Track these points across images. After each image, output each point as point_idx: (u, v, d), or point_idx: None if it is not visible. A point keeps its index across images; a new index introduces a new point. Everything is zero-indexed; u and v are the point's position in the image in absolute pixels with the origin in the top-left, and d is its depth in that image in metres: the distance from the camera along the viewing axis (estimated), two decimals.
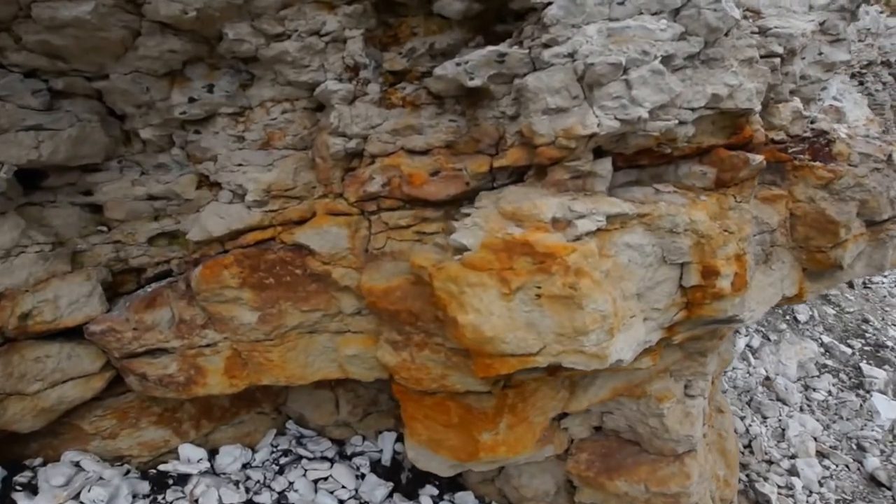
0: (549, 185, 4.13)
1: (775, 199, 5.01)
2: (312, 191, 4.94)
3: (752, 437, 7.96)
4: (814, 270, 5.29)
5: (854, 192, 5.09)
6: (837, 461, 7.73)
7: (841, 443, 8.16)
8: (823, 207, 4.98)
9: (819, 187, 5.07)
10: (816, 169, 5.05)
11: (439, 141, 4.54)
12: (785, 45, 4.66)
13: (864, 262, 5.36)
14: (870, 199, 5.11)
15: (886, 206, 5.17)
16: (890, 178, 5.30)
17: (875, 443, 8.09)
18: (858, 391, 9.31)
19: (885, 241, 5.28)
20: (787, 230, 5.10)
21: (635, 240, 4.08)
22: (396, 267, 4.64)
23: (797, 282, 5.24)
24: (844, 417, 8.61)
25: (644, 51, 3.68)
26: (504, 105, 4.26)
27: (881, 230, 5.26)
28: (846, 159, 5.21)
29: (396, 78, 4.81)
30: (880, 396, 9.00)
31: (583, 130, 3.75)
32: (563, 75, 3.83)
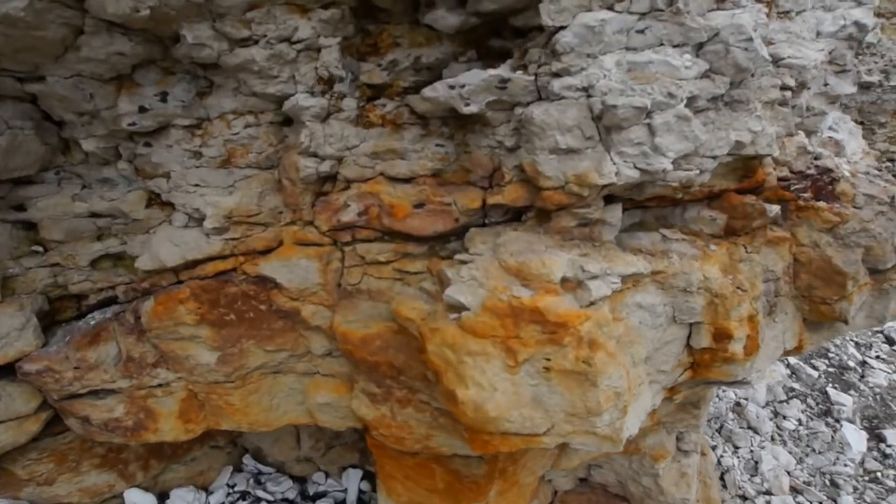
0: (552, 231, 3.65)
1: (779, 243, 4.64)
2: (279, 217, 4.35)
3: (724, 470, 7.74)
4: (814, 321, 4.97)
5: (860, 237, 4.77)
6: (812, 498, 7.57)
7: (814, 478, 8.01)
8: (830, 255, 4.65)
9: (824, 231, 4.74)
10: (822, 211, 4.71)
11: (425, 168, 4.01)
12: (797, 78, 4.27)
13: (865, 314, 5.07)
14: (875, 246, 4.80)
15: (891, 253, 4.87)
16: (894, 223, 5.01)
17: (848, 479, 7.97)
18: (827, 419, 9.21)
19: (888, 292, 4.99)
20: (791, 278, 4.75)
21: (647, 300, 3.65)
22: (375, 309, 4.11)
23: (798, 333, 4.92)
24: (817, 450, 8.48)
25: (670, 93, 3.21)
26: (501, 134, 3.76)
27: (884, 279, 4.96)
28: (850, 200, 4.89)
29: (375, 93, 4.24)
30: (850, 427, 8.91)
31: (599, 179, 3.28)
32: (577, 112, 3.34)
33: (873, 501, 7.74)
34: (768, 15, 4.29)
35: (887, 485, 8.28)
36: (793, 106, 4.49)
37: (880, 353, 11.80)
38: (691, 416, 4.98)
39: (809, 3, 4.49)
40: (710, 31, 3.37)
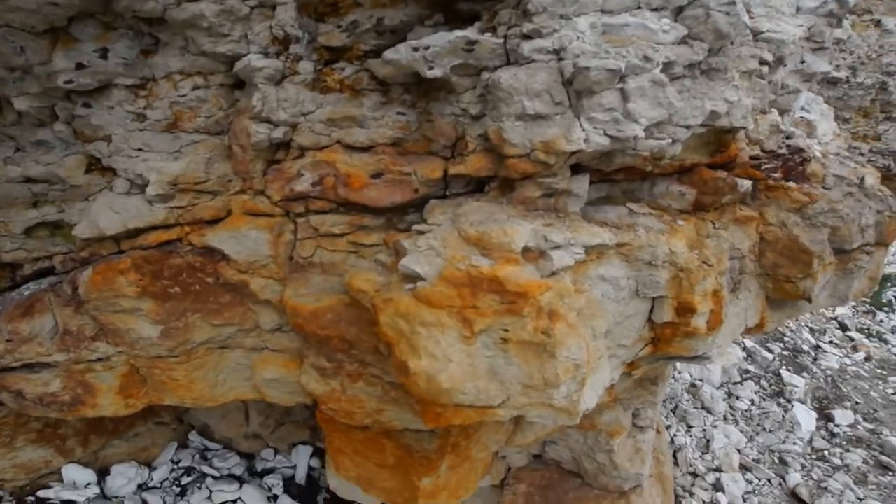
0: (516, 202, 3.44)
1: (746, 222, 4.53)
2: (228, 185, 4.04)
3: (677, 448, 7.76)
4: (777, 300, 4.90)
5: (827, 217, 4.69)
6: (760, 475, 7.65)
7: (764, 456, 8.09)
8: (797, 235, 4.56)
9: (792, 211, 4.65)
10: (791, 191, 4.61)
11: (384, 137, 3.75)
12: (775, 52, 4.13)
13: (829, 293, 5.03)
14: (842, 227, 4.73)
15: (857, 234, 4.82)
16: (862, 204, 4.95)
17: (796, 457, 8.08)
18: (779, 399, 9.33)
19: (852, 272, 4.95)
20: (756, 256, 4.66)
21: (611, 272, 3.48)
22: (327, 282, 3.86)
23: (760, 311, 4.84)
24: (767, 429, 8.57)
25: (646, 56, 3.01)
26: (466, 101, 3.52)
27: (849, 259, 4.91)
28: (820, 181, 4.81)
29: (333, 55, 3.94)
30: (801, 407, 9.04)
31: (566, 146, 3.07)
32: (547, 76, 3.12)
33: (819, 479, 7.86)
34: None
35: (833, 462, 8.43)
36: (769, 81, 4.36)
37: (833, 339, 12.05)
38: (648, 393, 4.88)
39: None
40: None
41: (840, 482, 7.86)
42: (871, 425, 9.65)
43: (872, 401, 10.52)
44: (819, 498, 7.36)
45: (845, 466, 8.39)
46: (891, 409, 10.40)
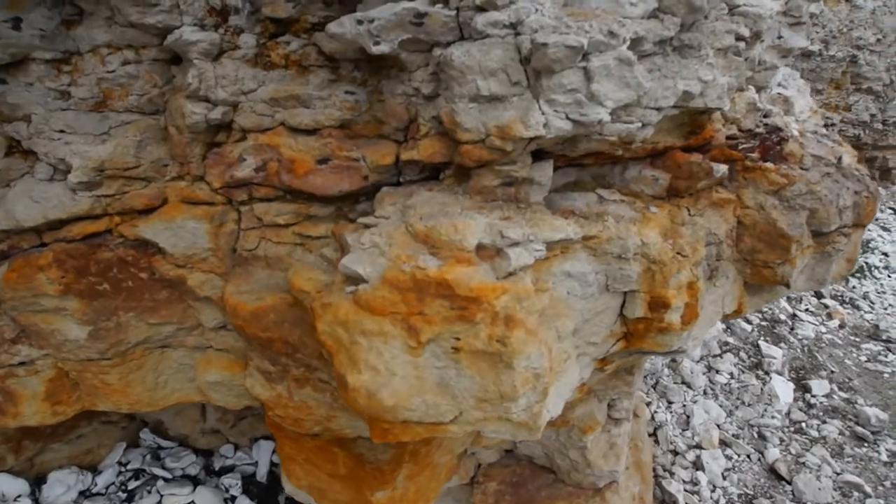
0: (472, 192, 3.14)
1: (723, 205, 4.27)
2: (163, 171, 3.69)
3: (657, 426, 7.66)
4: (755, 284, 4.69)
5: (805, 200, 4.45)
6: (740, 451, 7.59)
7: (743, 431, 8.03)
8: (775, 218, 4.31)
9: (770, 193, 4.39)
10: (769, 172, 4.35)
11: (331, 119, 3.41)
12: (752, 28, 3.81)
13: (807, 276, 4.82)
14: (820, 209, 4.49)
15: (835, 215, 4.59)
16: (839, 185, 4.71)
17: (775, 431, 8.03)
18: (758, 371, 9.26)
19: (831, 255, 4.73)
20: (733, 241, 4.41)
21: (577, 268, 3.21)
22: (272, 278, 3.56)
23: (737, 297, 4.63)
24: (746, 402, 8.51)
25: (611, 31, 2.68)
26: (419, 80, 3.18)
27: (827, 242, 4.69)
28: (798, 161, 4.55)
29: (279, 28, 3.57)
30: (778, 379, 8.98)
31: (524, 131, 2.76)
32: (502, 52, 2.79)
33: (798, 453, 7.84)
34: None
35: (811, 435, 8.42)
36: (745, 58, 4.04)
37: (809, 306, 12.02)
38: (624, 384, 4.69)
39: None
40: None
41: (818, 456, 7.85)
42: (847, 394, 9.66)
43: (847, 369, 10.53)
44: (797, 473, 7.33)
45: (822, 439, 8.39)
46: (864, 377, 10.43)
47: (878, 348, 11.45)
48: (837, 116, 15.43)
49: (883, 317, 12.83)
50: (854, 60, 14.46)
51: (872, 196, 4.91)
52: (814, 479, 7.11)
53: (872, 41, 14.48)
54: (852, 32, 14.12)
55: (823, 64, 14.13)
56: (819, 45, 13.78)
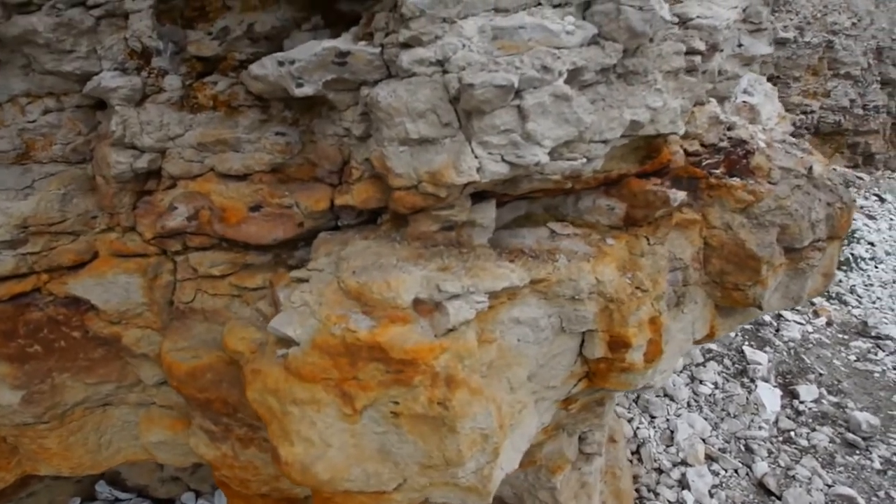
0: (411, 238, 2.93)
1: (688, 226, 4.07)
2: (92, 223, 3.47)
3: (640, 443, 7.44)
4: (727, 307, 4.49)
5: (775, 216, 4.25)
6: (727, 466, 7.37)
7: (729, 444, 7.82)
8: (743, 239, 4.12)
9: (737, 211, 4.19)
10: (735, 189, 4.15)
11: (262, 163, 3.20)
12: (707, 40, 3.62)
13: (781, 294, 4.62)
14: (791, 225, 4.30)
15: (808, 230, 4.40)
16: (811, 197, 4.51)
17: (762, 443, 7.81)
18: (743, 379, 9.06)
19: (805, 271, 4.54)
20: (701, 263, 4.22)
21: (527, 314, 3.00)
22: (209, 332, 3.34)
23: (709, 321, 4.43)
24: (732, 413, 8.29)
25: (544, 66, 2.48)
26: (349, 120, 2.97)
27: (801, 258, 4.50)
28: (766, 175, 4.35)
29: (206, 67, 3.37)
30: (764, 386, 8.77)
31: (456, 178, 2.55)
32: (430, 92, 2.58)
33: (787, 465, 7.62)
34: None
35: (800, 444, 8.20)
36: (703, 71, 3.84)
37: None
38: (594, 416, 4.47)
39: None
40: None
41: (807, 468, 7.62)
42: (836, 398, 9.45)
43: (836, 370, 10.33)
44: (787, 488, 7.11)
45: (812, 448, 8.16)
46: (854, 378, 10.23)
47: (868, 346, 11.24)
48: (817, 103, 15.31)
49: (871, 312, 12.64)
50: (830, 46, 14.34)
51: (847, 206, 4.72)
52: (804, 492, 6.90)
53: (847, 25, 14.34)
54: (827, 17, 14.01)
55: (799, 51, 14.01)
56: (794, 32, 13.68)
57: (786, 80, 14.36)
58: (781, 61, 13.93)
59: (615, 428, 5.90)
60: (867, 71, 15.08)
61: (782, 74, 14.30)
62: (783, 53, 13.90)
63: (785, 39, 13.55)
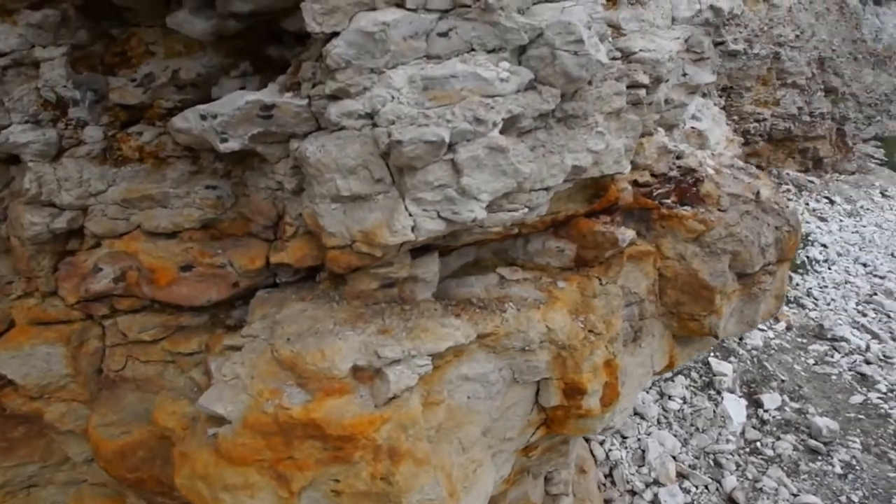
0: (350, 297, 2.76)
1: (642, 258, 3.99)
2: (7, 289, 3.21)
3: (612, 465, 7.35)
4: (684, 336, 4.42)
5: (726, 243, 4.21)
6: (697, 482, 7.33)
7: (699, 460, 7.79)
8: (696, 269, 4.06)
9: (690, 241, 4.14)
10: (686, 219, 4.10)
11: (192, 220, 2.99)
12: (651, 73, 3.56)
13: (736, 320, 4.57)
14: (742, 251, 4.26)
15: (758, 255, 4.37)
16: (760, 222, 4.49)
17: (730, 456, 7.80)
18: (710, 392, 9.07)
19: (758, 296, 4.50)
20: (656, 295, 4.14)
21: (476, 369, 2.85)
22: (142, 402, 3.10)
23: (667, 352, 4.35)
24: (700, 428, 8.28)
25: (477, 118, 2.35)
26: (281, 173, 2.80)
27: (753, 283, 4.46)
28: (715, 202, 4.31)
29: (130, 116, 3.15)
30: (730, 398, 8.80)
31: (390, 238, 2.39)
32: (360, 147, 2.43)
33: (755, 477, 7.62)
34: (615, 3, 3.51)
35: (766, 454, 8.22)
36: (649, 103, 3.78)
37: None
38: (559, 455, 4.33)
39: None
40: (532, 31, 2.52)
41: (774, 478, 7.64)
42: (798, 404, 9.53)
43: (797, 375, 10.44)
44: (755, 501, 7.10)
45: (778, 457, 8.19)
46: (814, 382, 10.36)
47: (825, 348, 11.41)
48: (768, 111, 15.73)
49: (826, 314, 12.85)
50: (777, 57, 14.78)
51: (794, 229, 4.71)
52: None
53: (792, 37, 14.78)
54: (773, 30, 14.43)
55: (749, 62, 14.39)
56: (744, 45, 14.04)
57: (738, 90, 14.71)
58: (733, 72, 14.26)
59: (584, 457, 5.79)
60: (812, 80, 15.52)
61: (735, 85, 14.64)
62: (734, 65, 14.24)
63: (735, 52, 13.89)
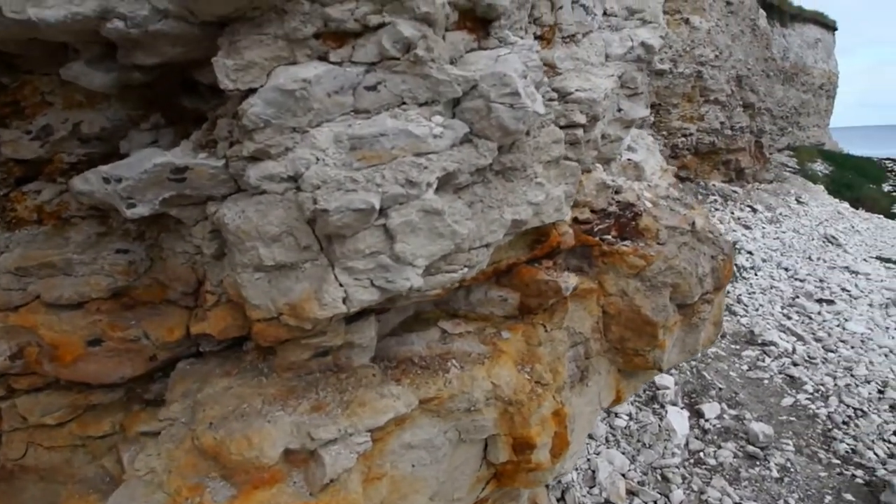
0: (280, 369, 2.50)
1: (586, 296, 3.89)
2: None
3: (564, 488, 7.24)
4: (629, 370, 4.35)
5: (666, 276, 4.17)
6: (646, 498, 7.32)
7: (647, 475, 7.79)
8: (639, 305, 3.98)
9: (631, 276, 4.07)
10: (627, 255, 4.02)
11: (99, 289, 2.66)
12: (588, 113, 3.48)
13: (678, 349, 4.54)
14: (681, 283, 4.23)
15: (696, 286, 4.35)
16: (696, 252, 4.49)
17: (676, 470, 7.85)
18: (654, 406, 9.14)
19: (698, 325, 4.49)
20: (601, 332, 4.04)
21: (420, 436, 2.64)
22: (46, 495, 2.73)
23: (614, 387, 4.26)
24: (647, 444, 8.30)
25: (409, 180, 2.15)
26: (200, 236, 2.53)
27: (693, 313, 4.44)
28: (654, 236, 4.27)
29: (27, 172, 2.81)
30: (673, 410, 8.89)
31: (318, 311, 2.16)
32: (284, 212, 2.19)
33: (700, 489, 7.68)
34: (550, 43, 3.41)
35: (709, 464, 8.33)
36: (587, 141, 3.70)
37: None
38: (511, 499, 4.16)
39: (595, 24, 3.68)
40: (466, 83, 2.35)
41: (717, 488, 7.74)
42: (735, 411, 9.75)
43: (732, 382, 10.70)
44: None
45: (720, 466, 8.31)
46: (748, 388, 10.64)
47: (756, 353, 11.78)
48: (694, 126, 16.35)
49: (756, 320, 13.29)
50: (700, 75, 15.39)
51: (728, 257, 4.74)
52: None
53: (712, 57, 15.41)
54: (695, 51, 15.01)
55: (675, 80, 14.92)
56: (669, 64, 14.53)
57: (666, 106, 15.19)
58: (661, 90, 14.72)
59: (536, 491, 5.64)
60: (731, 97, 16.18)
61: (663, 102, 15.11)
62: (662, 83, 14.71)
63: (662, 71, 14.36)
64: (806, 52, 25.29)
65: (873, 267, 16.43)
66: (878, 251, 18.56)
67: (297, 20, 2.15)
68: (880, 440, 9.06)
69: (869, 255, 18.09)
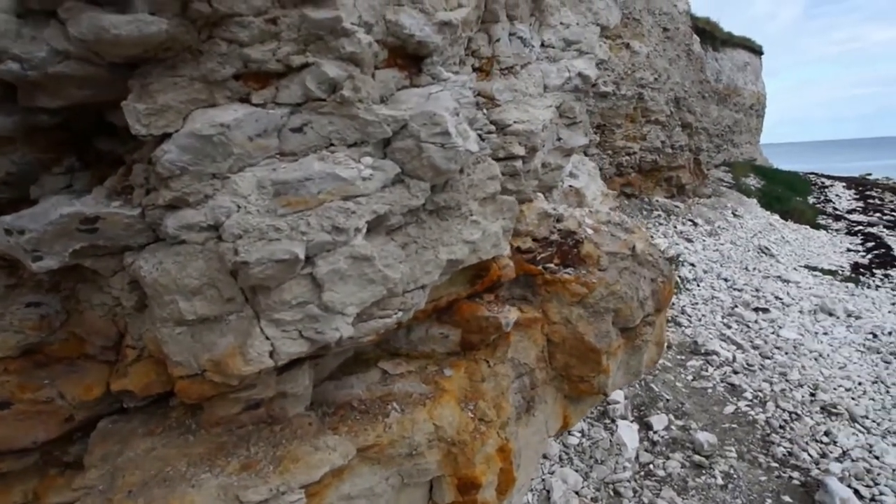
0: (209, 424, 2.32)
1: (530, 325, 3.83)
2: None
3: None
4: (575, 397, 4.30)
5: (608, 302, 4.15)
6: None
7: (600, 491, 7.77)
8: (582, 332, 3.95)
9: (574, 304, 4.04)
10: (569, 283, 3.99)
11: (8, 346, 2.42)
12: (526, 144, 3.44)
13: (623, 371, 4.53)
14: (623, 308, 4.22)
15: (638, 309, 4.35)
16: (637, 276, 4.50)
17: (628, 484, 7.86)
18: (606, 421, 9.17)
19: (640, 347, 4.49)
20: (546, 361, 3.98)
21: (360, 485, 2.49)
22: None
23: (561, 414, 4.20)
24: (599, 460, 8.29)
25: (336, 226, 2.04)
26: (118, 287, 2.34)
27: (636, 336, 4.44)
28: (595, 263, 4.26)
29: None
30: (623, 424, 8.93)
31: (243, 367, 2.01)
32: (205, 263, 2.04)
33: (651, 501, 7.69)
34: (488, 75, 3.36)
35: (658, 475, 8.37)
36: (526, 171, 3.66)
37: None
38: None
39: (533, 56, 3.66)
40: (396, 122, 2.26)
41: (666, 499, 7.77)
42: (682, 421, 9.87)
43: (679, 393, 10.85)
44: None
45: (668, 477, 8.36)
46: (693, 398, 10.80)
47: (700, 363, 11.99)
48: (637, 145, 16.77)
49: (699, 330, 13.57)
50: (641, 97, 15.81)
51: (668, 279, 4.77)
52: None
53: (651, 80, 15.87)
54: (636, 74, 15.42)
55: (618, 102, 15.27)
56: (612, 87, 14.86)
57: (611, 126, 15.54)
58: (605, 111, 15.04)
59: None
60: (671, 117, 16.69)
61: (608, 123, 15.45)
62: (606, 105, 15.05)
63: (606, 93, 14.68)
64: (736, 74, 26.41)
65: (802, 275, 17.11)
66: (807, 260, 19.37)
67: (215, 61, 2.02)
68: (813, 441, 9.31)
69: (798, 264, 18.83)
